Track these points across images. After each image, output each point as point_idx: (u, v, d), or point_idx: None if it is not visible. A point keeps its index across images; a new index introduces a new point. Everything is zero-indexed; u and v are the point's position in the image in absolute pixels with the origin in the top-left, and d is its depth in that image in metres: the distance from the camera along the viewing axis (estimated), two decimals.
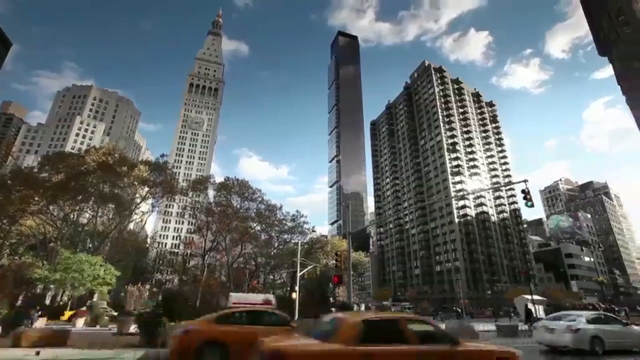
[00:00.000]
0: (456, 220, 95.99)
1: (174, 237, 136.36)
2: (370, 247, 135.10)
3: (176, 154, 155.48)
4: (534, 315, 28.90)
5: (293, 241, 54.01)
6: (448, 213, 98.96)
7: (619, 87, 72.50)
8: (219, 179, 53.61)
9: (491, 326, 25.45)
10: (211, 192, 52.16)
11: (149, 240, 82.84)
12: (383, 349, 5.84)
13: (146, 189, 47.36)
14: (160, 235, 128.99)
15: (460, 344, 6.39)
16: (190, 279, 62.33)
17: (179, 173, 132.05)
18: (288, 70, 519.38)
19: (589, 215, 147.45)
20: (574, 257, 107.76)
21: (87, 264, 30.81)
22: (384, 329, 6.28)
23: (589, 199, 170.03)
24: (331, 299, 58.09)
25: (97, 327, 25.28)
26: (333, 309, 35.74)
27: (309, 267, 45.15)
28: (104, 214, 49.55)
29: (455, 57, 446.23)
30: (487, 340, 16.33)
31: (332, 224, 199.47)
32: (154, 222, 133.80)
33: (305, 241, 55.81)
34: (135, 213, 51.17)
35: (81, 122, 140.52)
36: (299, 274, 39.14)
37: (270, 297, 19.99)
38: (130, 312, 28.25)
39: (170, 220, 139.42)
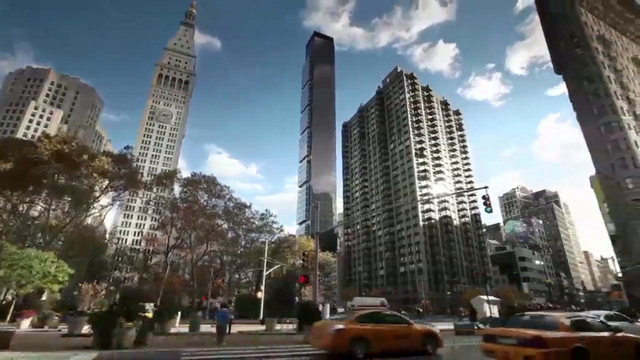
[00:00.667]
0: (421, 223, 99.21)
1: (135, 233, 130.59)
2: (338, 247, 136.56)
3: (141, 147, 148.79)
4: (489, 315, 30.63)
5: (261, 240, 53.47)
6: (414, 216, 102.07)
7: (571, 103, 78.28)
8: (185, 174, 51.77)
9: (450, 325, 26.66)
10: (177, 188, 50.45)
11: (107, 235, 78.74)
12: (589, 335, 9.00)
13: (107, 181, 44.97)
14: (121, 230, 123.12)
15: (619, 332, 9.73)
16: (152, 277, 60.07)
17: (143, 167, 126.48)
18: (261, 68, 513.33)
19: (540, 222, 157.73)
20: (527, 260, 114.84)
21: (37, 260, 28.74)
22: (581, 322, 9.53)
23: (542, 206, 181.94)
24: (297, 298, 58.13)
25: (46, 327, 23.79)
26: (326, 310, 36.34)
27: (276, 267, 44.86)
28: (58, 207, 46.48)
29: (425, 66, 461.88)
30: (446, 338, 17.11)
31: (301, 223, 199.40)
32: (114, 217, 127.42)
33: (273, 240, 55.42)
34: (94, 207, 48.43)
35: (35, 108, 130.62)
36: (265, 273, 38.84)
37: (385, 300, 22.34)
38: (83, 311, 26.78)
39: (132, 216, 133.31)
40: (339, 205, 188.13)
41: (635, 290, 53.87)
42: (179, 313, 27.80)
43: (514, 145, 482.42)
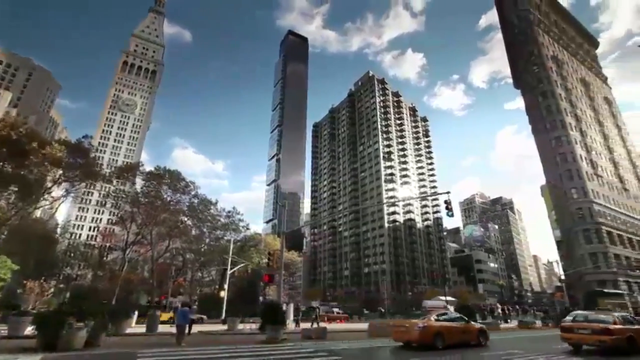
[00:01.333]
0: (386, 225, 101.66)
1: (91, 228, 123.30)
2: (304, 247, 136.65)
3: (101, 137, 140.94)
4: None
5: (226, 238, 52.30)
6: (379, 218, 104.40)
7: (528, 117, 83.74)
8: (149, 168, 49.31)
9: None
10: (139, 181, 48.08)
11: (59, 230, 73.56)
12: (634, 327, 13.51)
13: (60, 171, 41.99)
14: (75, 225, 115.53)
15: None
16: (107, 274, 56.98)
17: (103, 157, 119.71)
18: (233, 64, 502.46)
19: (496, 227, 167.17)
20: (482, 263, 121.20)
21: None
22: (627, 319, 14.36)
23: (498, 212, 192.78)
24: (261, 297, 57.67)
25: None
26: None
27: (241, 265, 44.19)
28: (3, 197, 42.81)
29: (394, 73, 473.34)
30: None
31: (268, 222, 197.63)
32: (68, 210, 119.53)
33: (238, 239, 54.47)
34: (44, 198, 45.08)
35: None
36: (229, 272, 38.15)
37: (446, 303, 30.40)
38: (27, 311, 24.90)
39: (87, 209, 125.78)
40: (306, 205, 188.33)
41: (575, 292, 58.62)
42: (136, 312, 26.66)
43: (474, 153, 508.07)
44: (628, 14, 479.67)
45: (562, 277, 58.32)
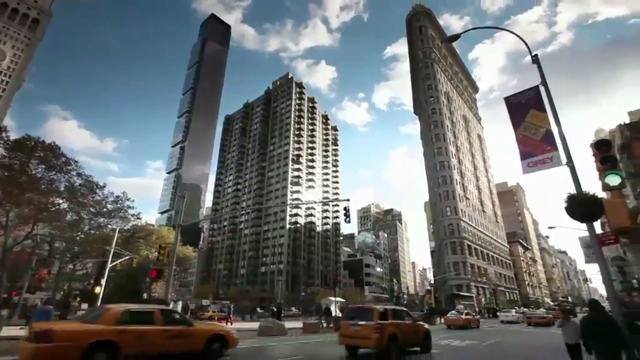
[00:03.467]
0: (287, 226, 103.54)
1: None
2: (201, 242, 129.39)
3: None
4: (334, 314, 34.26)
5: (110, 226, 45.92)
6: (281, 219, 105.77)
7: (421, 140, 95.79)
8: (15, 135, 40.19)
9: (299, 324, 28.76)
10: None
11: None
12: (549, 316, 37.77)
13: None
14: None
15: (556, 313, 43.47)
16: None
17: None
18: (139, 37, 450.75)
19: (386, 235, 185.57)
20: (371, 267, 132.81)
21: None
22: (546, 312, 44.23)
23: (388, 222, 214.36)
24: (146, 295, 52.68)
25: None
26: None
27: (125, 258, 39.50)
28: None
29: (307, 80, 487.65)
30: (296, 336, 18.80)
31: (163, 213, 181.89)
32: None
33: (126, 228, 48.54)
34: None
35: None
36: (109, 265, 33.80)
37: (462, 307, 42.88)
38: None
39: None
40: (208, 199, 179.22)
41: (440, 294, 69.00)
42: None
43: (372, 167, 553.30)
44: (493, 72, 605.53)
45: (432, 282, 68.10)
